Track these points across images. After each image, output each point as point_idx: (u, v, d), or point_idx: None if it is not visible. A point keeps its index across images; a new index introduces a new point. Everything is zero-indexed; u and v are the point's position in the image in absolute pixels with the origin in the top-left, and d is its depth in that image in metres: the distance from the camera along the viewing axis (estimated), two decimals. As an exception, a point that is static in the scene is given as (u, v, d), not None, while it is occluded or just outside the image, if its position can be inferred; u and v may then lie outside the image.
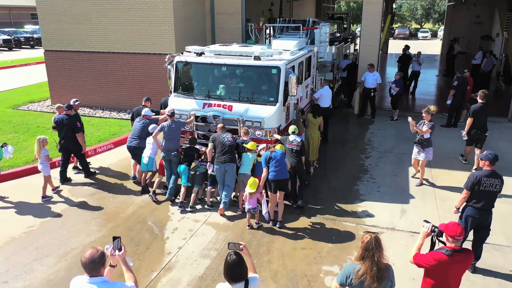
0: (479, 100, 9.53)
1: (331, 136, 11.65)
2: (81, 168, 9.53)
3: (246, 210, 7.26)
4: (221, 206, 7.63)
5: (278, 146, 7.50)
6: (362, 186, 8.93)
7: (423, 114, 8.84)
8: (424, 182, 9.01)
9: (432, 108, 8.79)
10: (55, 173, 9.00)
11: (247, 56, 8.47)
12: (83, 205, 8.10)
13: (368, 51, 14.23)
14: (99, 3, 13.94)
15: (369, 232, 3.82)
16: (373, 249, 3.67)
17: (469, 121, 9.54)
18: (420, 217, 7.49)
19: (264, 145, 7.68)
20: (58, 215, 7.75)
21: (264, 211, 7.24)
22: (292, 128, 7.93)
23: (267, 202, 7.38)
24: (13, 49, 38.07)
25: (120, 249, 3.59)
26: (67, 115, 8.90)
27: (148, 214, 7.79)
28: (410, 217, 7.59)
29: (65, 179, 9.11)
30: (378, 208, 7.91)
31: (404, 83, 13.72)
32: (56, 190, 8.66)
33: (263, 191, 7.32)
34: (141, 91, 14.29)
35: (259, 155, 7.59)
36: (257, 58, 8.26)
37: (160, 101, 10.72)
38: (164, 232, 7.17)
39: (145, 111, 8.91)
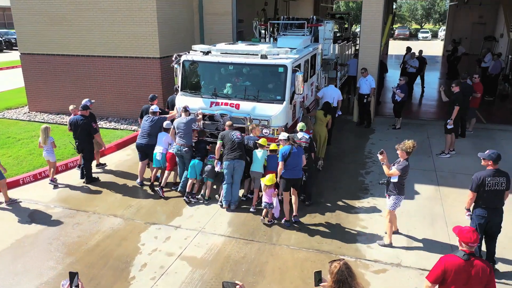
0: (456, 90, 9.99)
1: (328, 148, 10.60)
2: (85, 171, 9.08)
3: (262, 206, 7.22)
4: (232, 206, 7.76)
5: (272, 146, 7.58)
6: (362, 209, 7.88)
7: (397, 151, 6.64)
8: (434, 204, 7.96)
9: (409, 144, 6.52)
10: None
11: (253, 54, 8.48)
12: (42, 233, 7.04)
13: (369, 54, 13.16)
14: (76, 2, 12.88)
15: (335, 260, 3.48)
16: (346, 279, 3.36)
17: (456, 109, 9.84)
18: (430, 249, 6.47)
19: (286, 136, 7.26)
20: (11, 246, 6.69)
21: (276, 213, 7.33)
22: (300, 125, 7.93)
23: (279, 202, 7.45)
24: (4, 50, 36.96)
25: (77, 287, 3.45)
26: (82, 116, 8.78)
27: (115, 245, 6.72)
28: (418, 250, 6.54)
29: (91, 179, 8.99)
30: (380, 238, 6.86)
31: (409, 89, 12.59)
32: (53, 180, 8.81)
33: (277, 190, 7.29)
34: (123, 97, 13.27)
35: (277, 144, 7.58)
36: (263, 56, 8.31)
37: (141, 108, 10.15)
38: (130, 270, 6.11)
39: (153, 108, 8.93)
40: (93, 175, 9.16)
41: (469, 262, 3.94)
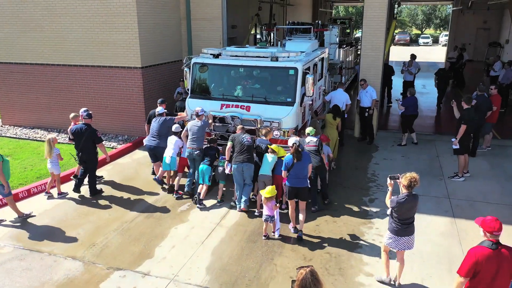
0: (465, 106, 8.95)
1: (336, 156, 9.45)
2: (84, 182, 8.65)
3: (263, 219, 6.87)
4: (242, 205, 7.70)
5: (273, 147, 7.57)
6: (366, 248, 6.68)
7: (388, 180, 5.66)
8: (451, 242, 6.78)
9: (407, 177, 5.26)
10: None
11: (264, 57, 8.60)
12: (-19, 284, 5.86)
13: (370, 62, 12.03)
14: (50, 7, 11.74)
15: (303, 267, 3.37)
16: (311, 287, 3.24)
17: (462, 128, 8.78)
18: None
19: (293, 142, 6.87)
20: None
21: (276, 227, 6.90)
22: (308, 129, 7.91)
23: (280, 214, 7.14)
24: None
25: None
26: (86, 125, 8.40)
27: (66, 300, 5.54)
28: (436, 307, 5.36)
29: (95, 191, 8.57)
30: (387, 286, 5.69)
31: (415, 100, 11.37)
32: (62, 195, 8.44)
33: (278, 204, 6.96)
34: (103, 110, 12.10)
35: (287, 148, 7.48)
36: (274, 58, 8.44)
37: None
38: (80, 337, 4.93)
39: (159, 109, 8.94)
40: (93, 191, 8.56)
41: (497, 251, 4.00)
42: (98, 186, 8.77)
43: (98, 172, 9.11)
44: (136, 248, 6.71)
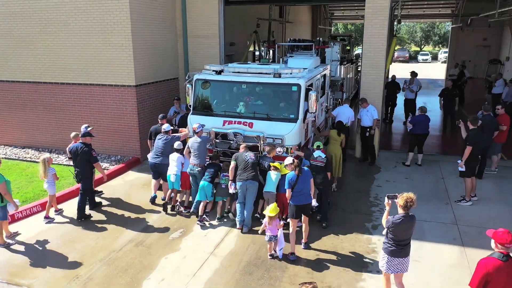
0: (471, 126, 8.58)
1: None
2: (88, 200, 8.51)
3: (267, 239, 6.69)
4: (244, 229, 7.58)
5: (276, 165, 7.58)
6: (370, 280, 6.22)
7: (386, 200, 5.47)
8: (461, 274, 6.30)
9: (403, 197, 5.16)
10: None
11: (266, 73, 8.59)
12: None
13: (371, 80, 11.69)
14: (43, 24, 11.47)
15: (306, 282, 3.37)
16: None
17: (468, 149, 8.38)
18: None
19: (291, 160, 6.93)
20: None
21: (279, 247, 6.67)
22: (317, 143, 7.89)
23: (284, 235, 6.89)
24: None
25: None
26: (83, 143, 8.28)
27: None
28: None
29: (94, 205, 8.61)
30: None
31: (424, 119, 10.97)
32: (59, 212, 8.36)
33: (282, 221, 6.95)
34: (95, 129, 11.63)
35: (285, 167, 7.29)
36: (277, 75, 8.44)
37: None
38: None
39: (165, 127, 8.91)
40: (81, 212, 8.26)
41: (507, 263, 4.01)
42: (97, 199, 8.87)
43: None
44: (123, 280, 6.24)
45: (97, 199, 8.92)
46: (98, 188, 9.47)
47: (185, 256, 6.88)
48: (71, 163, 8.70)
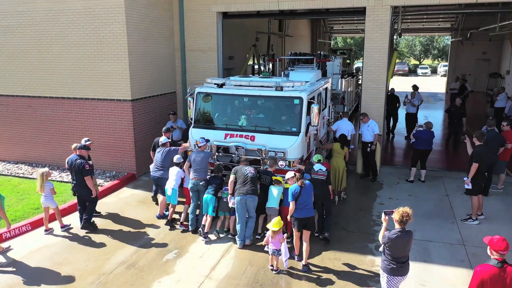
0: (477, 143, 8.28)
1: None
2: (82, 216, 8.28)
3: (270, 253, 6.63)
4: (247, 241, 7.48)
5: (279, 178, 7.47)
6: (375, 307, 5.87)
7: (383, 216, 5.41)
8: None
9: (399, 212, 5.10)
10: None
11: (268, 87, 8.55)
12: None
13: (372, 95, 11.46)
14: (38, 36, 11.27)
15: None
16: None
17: (474, 166, 8.06)
18: None
19: (293, 173, 6.98)
20: None
21: (284, 258, 6.55)
22: (316, 156, 7.77)
23: (289, 248, 6.76)
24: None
25: None
26: (78, 156, 8.14)
27: None
28: None
29: (88, 225, 8.17)
30: None
31: (428, 134, 10.66)
32: (49, 231, 8.06)
33: (285, 234, 6.87)
34: (91, 144, 11.39)
35: (286, 182, 7.25)
36: (279, 88, 8.39)
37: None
38: None
39: (162, 139, 8.89)
40: (87, 223, 8.18)
41: (502, 269, 4.08)
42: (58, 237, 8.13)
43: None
44: (112, 307, 5.88)
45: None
46: (97, 209, 9.04)
47: (179, 279, 6.53)
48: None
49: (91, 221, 8.26)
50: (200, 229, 7.87)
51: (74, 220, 8.54)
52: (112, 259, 7.12)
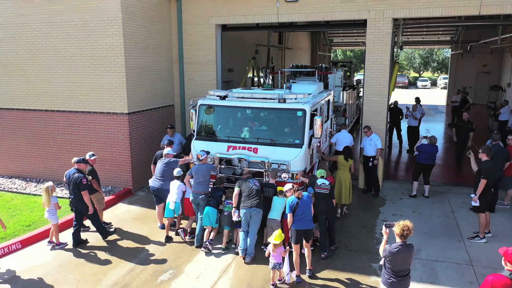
0: (485, 158, 7.92)
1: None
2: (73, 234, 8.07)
3: (271, 267, 6.49)
4: (247, 259, 7.32)
5: (283, 189, 7.24)
6: (380, 333, 5.54)
7: (384, 228, 5.26)
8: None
9: (399, 225, 4.99)
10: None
11: (271, 99, 8.51)
12: None
13: (373, 108, 11.22)
14: (34, 49, 11.09)
15: None
16: None
17: (482, 183, 7.73)
18: None
19: (291, 185, 6.99)
20: None
21: (286, 271, 6.58)
22: (320, 172, 7.64)
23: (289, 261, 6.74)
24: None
25: None
26: (76, 170, 7.98)
27: None
28: None
29: (78, 242, 7.99)
30: None
31: (432, 149, 10.39)
32: (61, 245, 7.90)
33: (287, 247, 6.73)
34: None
35: (285, 195, 7.18)
36: (282, 100, 8.36)
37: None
38: None
39: (167, 150, 8.86)
40: (104, 234, 8.26)
41: None
42: (84, 236, 8.25)
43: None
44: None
45: (84, 236, 8.27)
46: (106, 220, 9.06)
47: (174, 303, 6.21)
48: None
49: (81, 239, 8.08)
50: (205, 243, 7.75)
51: (67, 237, 8.24)
52: (104, 280, 6.80)
